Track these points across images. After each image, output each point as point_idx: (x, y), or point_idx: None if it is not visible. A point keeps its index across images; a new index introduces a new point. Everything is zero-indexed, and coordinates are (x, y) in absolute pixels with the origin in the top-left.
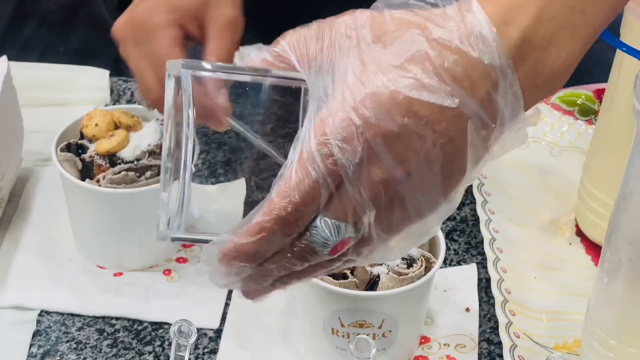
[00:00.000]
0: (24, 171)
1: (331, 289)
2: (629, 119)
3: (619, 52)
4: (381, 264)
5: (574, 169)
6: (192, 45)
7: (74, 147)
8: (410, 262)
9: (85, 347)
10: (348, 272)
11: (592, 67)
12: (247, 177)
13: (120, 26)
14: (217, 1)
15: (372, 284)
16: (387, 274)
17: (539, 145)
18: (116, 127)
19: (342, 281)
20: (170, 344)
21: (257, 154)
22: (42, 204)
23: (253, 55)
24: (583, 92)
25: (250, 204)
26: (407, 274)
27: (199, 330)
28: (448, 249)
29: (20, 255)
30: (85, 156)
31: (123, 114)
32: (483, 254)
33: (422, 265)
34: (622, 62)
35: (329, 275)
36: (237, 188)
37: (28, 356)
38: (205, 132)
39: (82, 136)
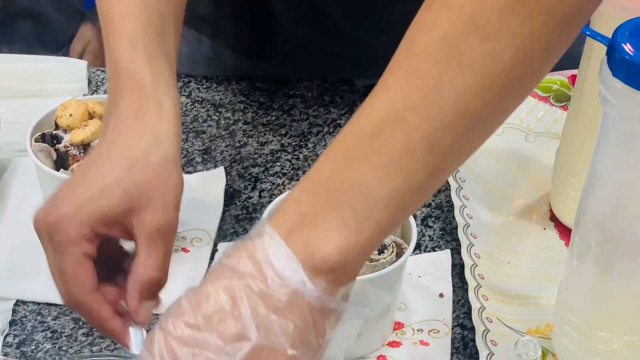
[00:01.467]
0: (1, 162)
1: None
2: (598, 105)
3: (588, 39)
4: None
5: (549, 154)
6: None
7: (49, 137)
8: (381, 248)
9: (61, 336)
10: None
11: (567, 53)
12: None
13: (38, 219)
14: (144, 205)
15: None
16: None
17: (514, 132)
18: (90, 117)
19: None
20: (147, 331)
21: None
22: (19, 194)
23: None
24: (558, 79)
25: None
26: (378, 260)
27: None
28: (423, 235)
29: None
30: (60, 146)
31: (97, 104)
32: (458, 240)
33: (393, 252)
34: (591, 48)
35: None
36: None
37: (3, 345)
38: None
39: (57, 127)
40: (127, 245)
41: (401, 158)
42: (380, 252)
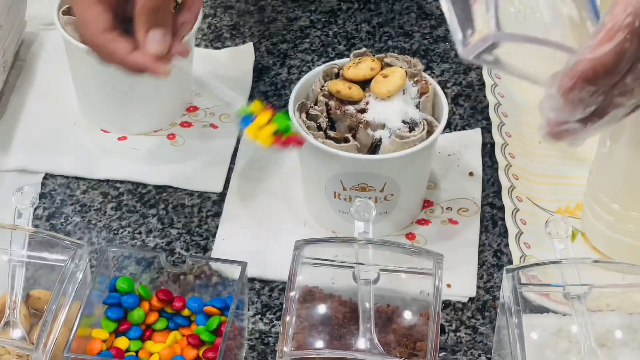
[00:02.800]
0: (28, 35)
1: (333, 152)
2: None
3: None
4: (383, 128)
5: None
6: None
7: None
8: (412, 125)
9: (90, 210)
10: (350, 135)
11: None
12: None
13: None
14: None
15: (374, 147)
16: (389, 137)
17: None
18: None
19: (343, 144)
20: (173, 207)
21: None
22: (47, 68)
23: None
24: None
25: None
26: (408, 137)
27: (202, 193)
28: (453, 113)
29: (25, 119)
30: None
31: None
32: (488, 118)
33: (424, 129)
34: None
35: (330, 139)
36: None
37: (34, 218)
38: None
39: None
40: None
41: None
42: (411, 129)
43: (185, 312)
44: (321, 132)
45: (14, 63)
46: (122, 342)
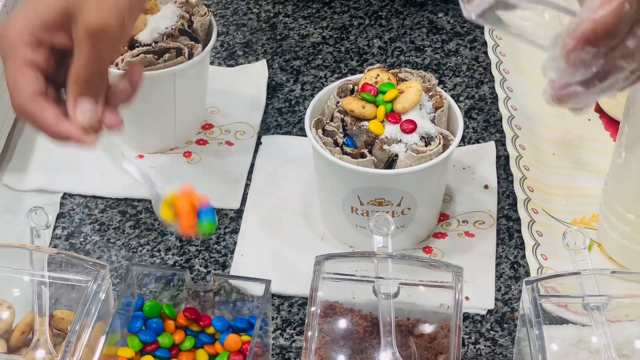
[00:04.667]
0: None
1: (349, 167)
2: None
3: None
4: (399, 142)
5: None
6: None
7: None
8: (428, 140)
9: (109, 229)
10: (366, 150)
11: None
12: None
13: None
14: (79, 8)
15: (391, 162)
16: (405, 152)
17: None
18: None
19: (360, 160)
20: None
21: None
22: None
23: None
24: None
25: None
26: (425, 152)
27: (219, 210)
28: (466, 127)
29: (42, 139)
30: None
31: None
32: (502, 131)
33: (439, 143)
34: None
35: (347, 154)
36: None
37: (52, 238)
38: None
39: None
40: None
41: None
42: (427, 143)
43: (210, 329)
44: (338, 148)
45: None
46: None
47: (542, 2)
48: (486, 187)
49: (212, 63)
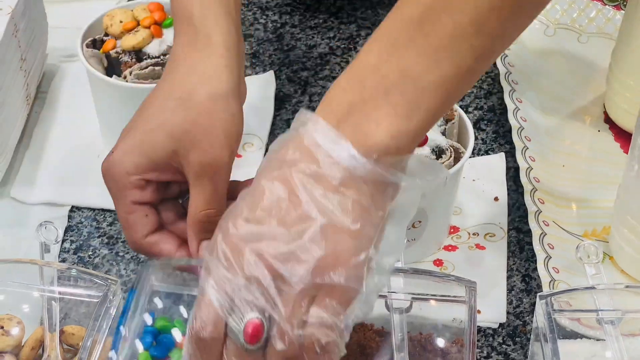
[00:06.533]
0: (50, 67)
1: None
2: None
3: None
4: None
5: (602, 55)
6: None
7: (100, 43)
8: (439, 152)
9: (117, 242)
10: None
11: None
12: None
13: (103, 169)
14: (189, 146)
15: None
16: None
17: (566, 32)
18: (137, 24)
19: None
20: None
21: None
22: (69, 100)
23: None
24: None
25: None
26: None
27: None
28: (476, 138)
29: (49, 152)
30: (112, 52)
31: (142, 11)
32: (511, 142)
33: (451, 156)
34: None
35: None
36: None
37: (61, 251)
38: None
39: (105, 34)
40: None
41: (449, 43)
42: (438, 156)
43: None
44: None
45: (36, 95)
46: None
47: None
48: (496, 199)
49: None
